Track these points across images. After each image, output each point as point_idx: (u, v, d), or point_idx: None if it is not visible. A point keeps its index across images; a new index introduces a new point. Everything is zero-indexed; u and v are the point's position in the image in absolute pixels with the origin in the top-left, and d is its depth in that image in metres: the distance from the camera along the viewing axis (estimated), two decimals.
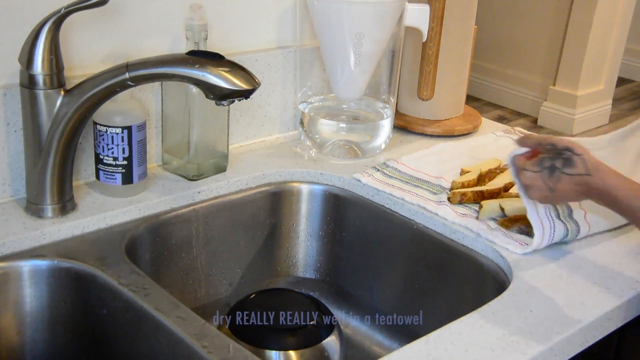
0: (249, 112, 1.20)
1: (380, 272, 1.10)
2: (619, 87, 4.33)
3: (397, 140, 1.28)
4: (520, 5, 3.96)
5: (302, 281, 1.17)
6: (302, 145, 1.22)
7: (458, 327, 0.79)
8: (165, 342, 0.79)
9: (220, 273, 1.09)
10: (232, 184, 1.09)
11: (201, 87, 0.86)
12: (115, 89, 0.89)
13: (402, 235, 1.05)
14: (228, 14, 1.13)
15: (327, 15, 1.12)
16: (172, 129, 1.08)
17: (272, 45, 1.20)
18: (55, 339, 0.91)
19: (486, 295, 0.90)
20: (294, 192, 1.14)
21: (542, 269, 0.90)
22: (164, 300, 0.81)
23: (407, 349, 0.75)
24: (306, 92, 1.25)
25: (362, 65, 1.15)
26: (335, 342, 0.96)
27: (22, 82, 0.90)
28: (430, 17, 1.20)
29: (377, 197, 1.08)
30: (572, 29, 3.72)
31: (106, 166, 0.99)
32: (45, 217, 0.93)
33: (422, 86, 1.27)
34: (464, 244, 0.98)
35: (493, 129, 1.36)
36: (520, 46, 4.02)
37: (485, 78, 4.19)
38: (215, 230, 1.06)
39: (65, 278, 0.88)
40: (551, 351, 0.77)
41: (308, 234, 1.16)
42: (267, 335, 0.93)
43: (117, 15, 1.02)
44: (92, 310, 0.88)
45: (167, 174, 1.09)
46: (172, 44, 1.08)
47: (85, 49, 1.00)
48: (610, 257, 0.94)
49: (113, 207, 0.97)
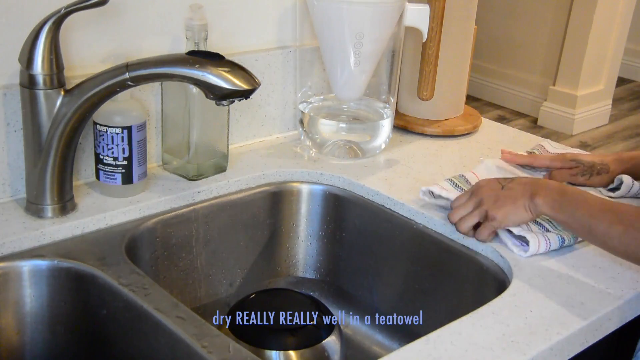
0: (249, 112, 1.20)
1: (380, 272, 1.10)
2: (619, 87, 4.33)
3: (397, 140, 1.28)
4: (520, 5, 3.96)
5: (302, 281, 1.17)
6: (302, 145, 1.22)
7: (458, 327, 0.79)
8: (165, 342, 0.79)
9: (220, 273, 1.09)
10: (232, 184, 1.08)
11: (201, 87, 0.86)
12: (115, 89, 0.89)
13: (402, 235, 1.05)
14: (228, 14, 1.13)
15: (327, 15, 1.12)
16: (172, 129, 1.08)
17: (272, 45, 1.20)
18: (55, 339, 0.91)
19: (486, 295, 0.90)
20: (294, 192, 1.14)
21: (542, 269, 0.90)
22: (164, 300, 0.81)
23: (407, 349, 0.75)
24: (306, 92, 1.25)
25: (362, 65, 1.15)
26: (335, 342, 0.96)
27: (22, 82, 0.90)
28: (430, 17, 1.20)
29: (377, 197, 1.08)
30: (572, 29, 3.72)
31: (106, 166, 0.99)
32: (45, 217, 0.93)
33: (422, 86, 1.27)
34: (464, 244, 0.98)
35: (496, 130, 1.36)
36: (520, 46, 4.03)
37: (485, 78, 4.19)
38: (215, 230, 1.06)
39: (65, 278, 0.88)
40: (551, 351, 0.77)
41: (308, 234, 1.16)
42: (267, 335, 0.93)
43: (117, 15, 1.02)
44: (92, 310, 0.88)
45: (167, 174, 1.09)
46: (172, 44, 1.08)
47: (85, 49, 1.00)
48: (610, 257, 0.94)
49: (113, 207, 0.97)
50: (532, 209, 0.92)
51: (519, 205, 0.92)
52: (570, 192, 0.91)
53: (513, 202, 0.93)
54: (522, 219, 0.93)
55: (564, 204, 0.89)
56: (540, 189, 0.92)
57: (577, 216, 0.88)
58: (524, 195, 0.92)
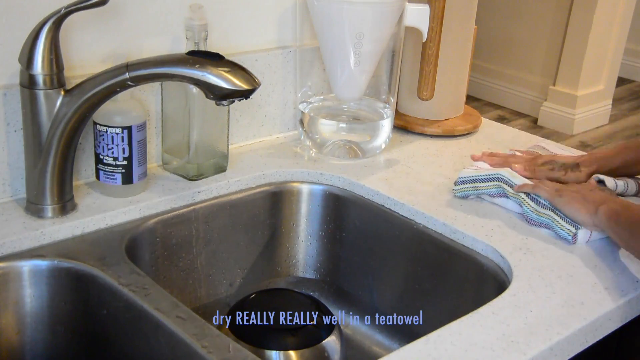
0: (249, 112, 1.20)
1: (380, 272, 1.10)
2: (619, 87, 4.33)
3: (397, 140, 1.28)
4: (520, 5, 3.96)
5: (302, 281, 1.17)
6: (302, 145, 1.22)
7: (458, 327, 0.79)
8: (165, 342, 0.79)
9: (220, 273, 1.09)
10: (232, 184, 1.09)
11: (201, 87, 0.86)
12: (115, 89, 0.89)
13: (402, 235, 1.05)
14: (228, 14, 1.13)
15: (327, 15, 1.12)
16: (172, 129, 1.08)
17: (272, 45, 1.20)
18: (55, 339, 0.91)
19: (486, 295, 0.90)
20: (294, 192, 1.14)
21: (542, 269, 0.90)
22: (164, 300, 0.81)
23: (407, 349, 0.75)
24: (306, 92, 1.25)
25: (362, 65, 1.15)
26: (335, 342, 0.96)
27: (22, 82, 0.90)
28: (430, 17, 1.20)
29: (377, 197, 1.08)
30: (572, 29, 3.72)
31: (106, 166, 0.99)
32: (45, 217, 0.93)
33: (422, 86, 1.27)
34: (464, 244, 0.98)
35: (496, 130, 1.36)
36: (520, 46, 4.03)
37: (485, 78, 4.19)
38: (215, 230, 1.06)
39: (65, 278, 0.88)
40: (551, 351, 0.77)
41: (308, 234, 1.16)
42: (267, 335, 0.93)
43: (117, 15, 1.02)
44: (92, 310, 0.88)
45: (167, 174, 1.09)
46: (172, 44, 1.08)
47: (85, 49, 1.00)
48: (610, 257, 0.94)
49: (113, 207, 0.97)
50: (594, 214, 0.94)
51: (588, 203, 0.96)
52: (633, 207, 0.91)
53: (584, 199, 0.97)
54: (581, 217, 0.96)
55: (622, 215, 0.91)
56: (608, 200, 0.95)
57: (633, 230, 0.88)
58: (595, 201, 0.96)
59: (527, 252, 0.94)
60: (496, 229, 0.99)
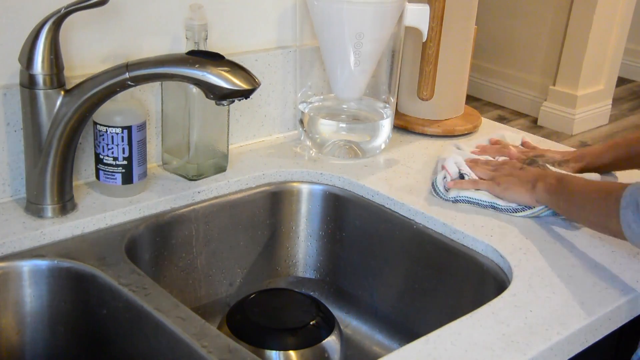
0: (249, 112, 1.20)
1: (380, 272, 1.10)
2: (619, 87, 4.33)
3: (397, 140, 1.28)
4: (520, 5, 3.97)
5: (302, 281, 1.17)
6: (302, 145, 1.22)
7: (458, 327, 0.79)
8: (165, 342, 0.79)
9: (220, 273, 1.09)
10: (232, 184, 1.09)
11: (201, 87, 0.86)
12: (115, 89, 0.89)
13: (402, 235, 1.05)
14: (228, 14, 1.13)
15: (327, 15, 1.12)
16: (172, 129, 1.08)
17: (272, 45, 1.20)
18: (55, 339, 0.91)
19: (486, 295, 0.90)
20: (294, 192, 1.14)
21: (542, 269, 0.90)
22: (164, 300, 0.81)
23: (407, 349, 0.75)
24: (306, 92, 1.25)
25: (362, 65, 1.15)
26: (335, 342, 0.96)
27: (22, 82, 0.90)
28: (430, 17, 1.20)
29: (377, 197, 1.08)
30: (572, 29, 3.72)
31: (106, 166, 0.99)
32: (45, 217, 0.93)
33: (422, 86, 1.27)
34: (464, 244, 0.98)
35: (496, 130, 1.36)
36: (520, 46, 4.03)
37: (485, 78, 4.19)
38: (215, 230, 1.06)
39: (65, 278, 0.88)
40: (551, 351, 0.77)
41: (308, 234, 1.16)
42: (267, 335, 0.93)
43: (117, 15, 1.02)
44: (92, 310, 0.88)
45: (167, 174, 1.09)
46: (172, 44, 1.08)
47: (85, 49, 1.00)
48: (610, 257, 0.94)
49: (113, 207, 0.97)
50: (532, 192, 1.00)
51: (524, 184, 1.01)
52: (567, 178, 0.99)
53: (519, 180, 1.02)
54: (522, 198, 1.01)
55: (559, 187, 0.97)
56: (543, 176, 1.01)
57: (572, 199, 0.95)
58: (530, 180, 1.01)
59: (527, 252, 0.94)
60: (496, 229, 0.99)
